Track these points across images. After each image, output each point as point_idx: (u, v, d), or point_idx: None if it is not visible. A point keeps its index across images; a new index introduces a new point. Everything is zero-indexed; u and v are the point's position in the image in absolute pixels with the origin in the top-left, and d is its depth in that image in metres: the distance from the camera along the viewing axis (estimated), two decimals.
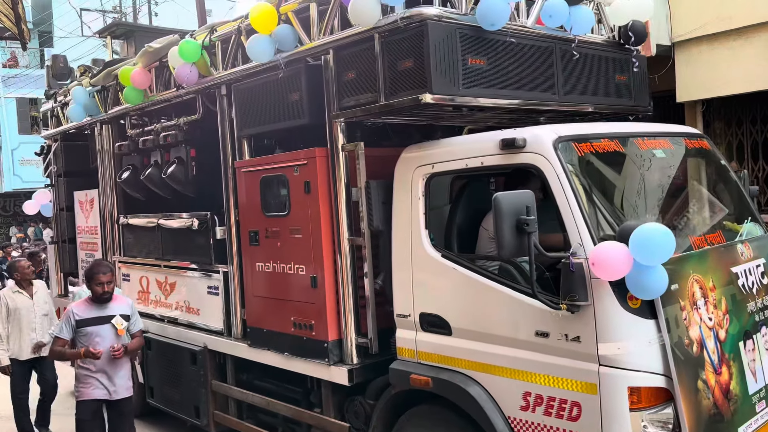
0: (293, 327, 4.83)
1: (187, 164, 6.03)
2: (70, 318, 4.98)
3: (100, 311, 5.01)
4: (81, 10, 25.44)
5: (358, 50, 4.24)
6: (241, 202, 5.32)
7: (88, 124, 7.58)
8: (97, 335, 4.94)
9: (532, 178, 4.12)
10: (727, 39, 8.31)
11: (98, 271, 5.02)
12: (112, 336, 4.98)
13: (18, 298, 6.61)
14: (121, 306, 5.16)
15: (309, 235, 4.65)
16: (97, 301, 5.04)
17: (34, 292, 6.70)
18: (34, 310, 6.60)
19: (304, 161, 4.63)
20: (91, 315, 4.99)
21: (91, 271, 5.07)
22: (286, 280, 4.87)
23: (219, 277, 5.73)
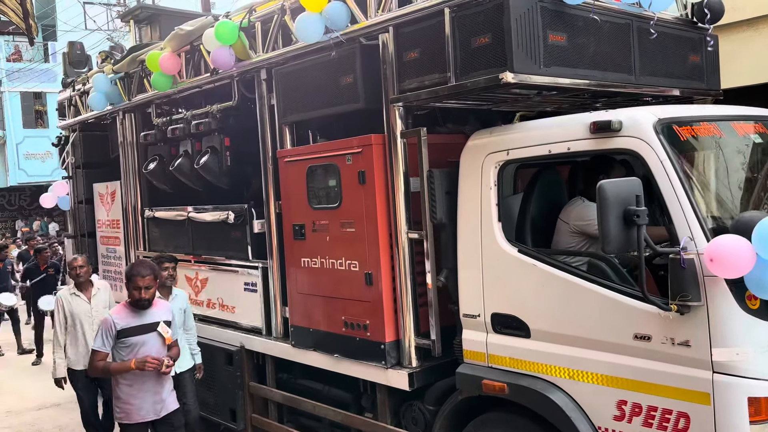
0: (344, 327, 4.47)
1: (221, 154, 5.65)
2: (110, 328, 4.30)
3: (143, 318, 4.37)
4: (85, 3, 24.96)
5: (423, 27, 3.87)
6: (283, 194, 4.95)
7: (110, 113, 7.20)
8: (142, 346, 4.31)
9: (615, 165, 3.78)
10: (738, 30, 7.98)
11: (137, 272, 4.36)
12: (158, 346, 4.38)
13: (74, 302, 5.67)
14: (162, 312, 4.52)
15: (363, 228, 4.28)
16: (135, 306, 4.40)
17: (93, 295, 5.72)
18: (91, 316, 5.61)
19: (359, 149, 4.26)
20: (134, 323, 4.34)
21: (130, 272, 4.44)
22: (337, 277, 4.51)
23: (257, 273, 5.36)
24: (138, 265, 4.50)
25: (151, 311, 4.43)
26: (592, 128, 3.31)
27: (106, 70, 6.96)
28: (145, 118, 6.87)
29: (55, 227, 29.05)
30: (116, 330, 4.30)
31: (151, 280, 4.39)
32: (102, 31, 24.69)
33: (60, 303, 5.67)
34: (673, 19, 4.50)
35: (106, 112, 7.20)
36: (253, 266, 5.40)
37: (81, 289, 5.72)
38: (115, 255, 7.42)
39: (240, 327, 5.60)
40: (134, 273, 4.38)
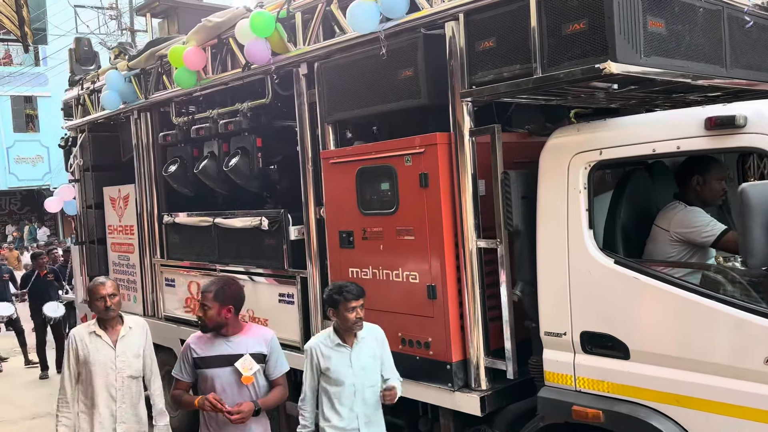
0: (401, 344, 4.03)
1: (252, 155, 5.19)
2: (187, 355, 3.62)
3: (225, 347, 3.59)
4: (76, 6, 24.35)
5: (501, 13, 3.44)
6: (327, 199, 4.50)
7: (123, 112, 6.70)
8: (214, 380, 3.54)
9: (713, 165, 3.38)
10: None
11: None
12: (232, 383, 3.55)
13: (93, 345, 3.96)
14: (255, 340, 3.66)
15: (425, 236, 3.85)
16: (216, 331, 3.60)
17: (121, 336, 4.02)
18: (115, 368, 3.98)
19: (420, 149, 3.82)
20: (213, 353, 3.57)
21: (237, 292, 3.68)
22: (392, 289, 4.07)
23: (295, 284, 4.90)
24: (228, 282, 3.73)
25: (240, 338, 3.62)
26: (708, 124, 2.90)
27: (120, 67, 6.47)
28: (162, 118, 6.39)
29: (45, 232, 28.33)
30: (192, 357, 3.60)
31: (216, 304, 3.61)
32: (94, 35, 24.08)
33: (72, 344, 3.98)
34: (764, 5, 4.10)
35: (119, 112, 6.70)
36: (290, 276, 4.94)
37: (105, 326, 4.03)
38: (128, 263, 6.92)
39: None
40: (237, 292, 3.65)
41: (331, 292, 3.57)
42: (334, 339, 3.57)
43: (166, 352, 6.31)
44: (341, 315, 3.51)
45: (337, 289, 3.54)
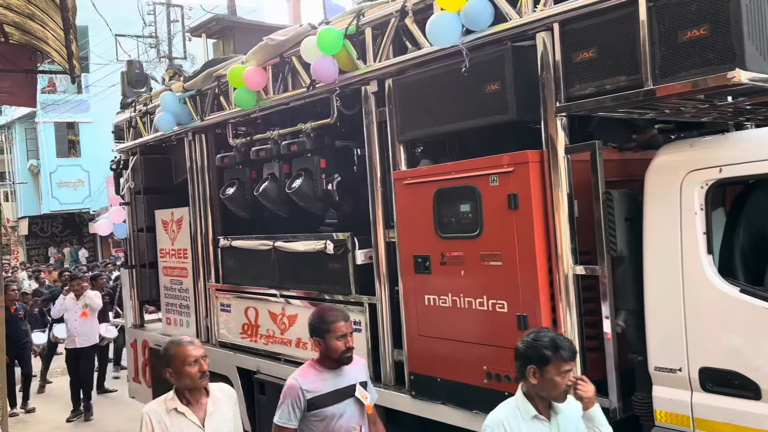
0: (486, 378, 3.71)
1: (316, 177, 4.95)
2: (299, 396, 3.28)
3: (338, 380, 3.38)
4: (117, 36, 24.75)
5: (603, 21, 3.14)
6: (400, 221, 4.22)
7: (177, 134, 6.53)
8: (340, 417, 3.32)
9: None
10: None
11: (333, 317, 3.35)
12: (357, 416, 3.38)
13: (177, 426, 3.13)
14: (357, 368, 3.48)
15: (515, 261, 3.54)
16: (337, 363, 3.38)
17: (209, 413, 3.18)
18: None
19: (509, 168, 3.53)
20: (329, 388, 3.34)
21: (322, 319, 3.38)
22: (476, 319, 3.76)
23: (362, 311, 4.62)
24: (330, 311, 3.47)
25: (346, 369, 3.41)
26: None
27: (175, 88, 6.31)
28: (218, 139, 6.20)
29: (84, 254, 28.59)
30: (306, 399, 3.28)
31: (350, 326, 3.42)
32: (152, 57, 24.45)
33: (147, 426, 3.13)
34: None
35: (173, 134, 6.54)
36: (357, 302, 4.66)
37: (188, 399, 3.18)
38: (180, 287, 6.71)
39: None
40: (331, 318, 3.35)
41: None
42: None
43: (220, 380, 6.05)
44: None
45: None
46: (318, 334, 3.37)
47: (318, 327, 3.38)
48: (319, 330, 3.37)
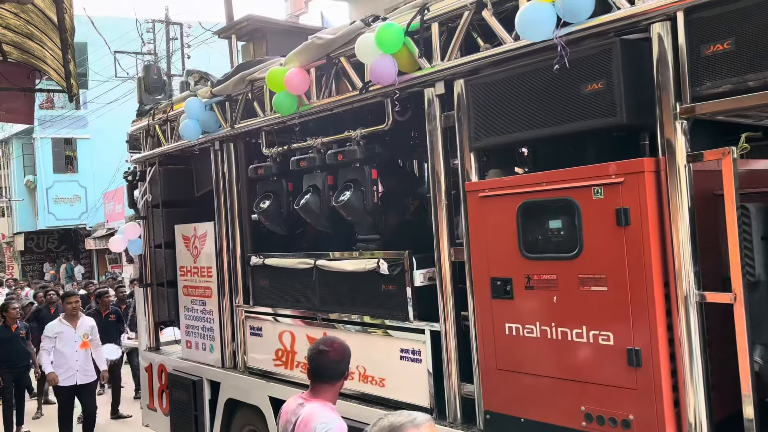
0: (585, 420, 3.18)
1: (367, 189, 4.43)
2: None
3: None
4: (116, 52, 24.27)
5: (745, 6, 2.67)
6: (474, 239, 3.70)
7: (201, 143, 6.01)
8: None
9: None
10: None
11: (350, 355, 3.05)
12: None
13: None
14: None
15: (625, 286, 3.02)
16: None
17: None
18: None
19: (618, 179, 3.03)
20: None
21: (348, 356, 3.06)
22: (572, 352, 3.23)
23: (423, 339, 4.08)
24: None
25: None
26: None
27: (201, 94, 5.79)
28: (248, 149, 5.69)
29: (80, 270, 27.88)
30: None
31: None
32: (132, 79, 23.95)
33: None
34: None
35: (198, 143, 6.02)
36: (417, 330, 4.13)
37: None
38: (203, 308, 6.15)
39: (393, 405, 4.28)
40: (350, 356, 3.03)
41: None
42: None
43: (250, 410, 5.50)
44: None
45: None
46: (345, 375, 3.01)
47: (347, 365, 3.02)
48: (346, 368, 3.02)
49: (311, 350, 2.98)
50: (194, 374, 6.16)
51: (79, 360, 7.44)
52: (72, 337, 7.50)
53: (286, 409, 3.00)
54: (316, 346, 2.97)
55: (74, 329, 7.53)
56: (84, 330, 7.57)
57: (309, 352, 3.00)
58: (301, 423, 2.82)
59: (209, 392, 6.01)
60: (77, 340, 7.50)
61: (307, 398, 2.94)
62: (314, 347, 2.97)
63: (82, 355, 7.46)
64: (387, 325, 4.32)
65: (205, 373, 6.03)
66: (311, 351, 2.97)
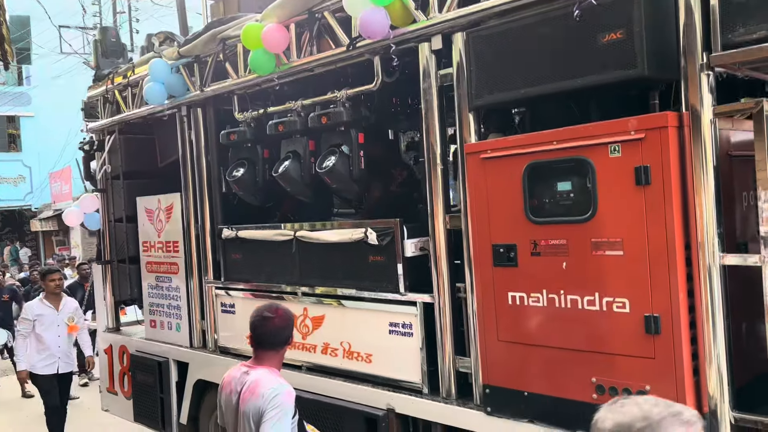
0: (596, 392, 2.99)
1: (353, 154, 4.13)
2: (294, 406, 2.87)
3: None
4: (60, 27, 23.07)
5: None
6: (473, 204, 3.45)
7: (168, 108, 5.59)
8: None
9: None
10: None
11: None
12: None
13: None
14: None
15: (643, 250, 2.82)
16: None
17: None
18: None
19: (638, 135, 2.81)
20: None
21: (292, 323, 3.07)
22: (583, 321, 3.02)
23: (414, 311, 3.83)
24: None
25: None
26: None
27: (167, 55, 5.36)
28: (219, 114, 5.30)
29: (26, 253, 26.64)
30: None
31: None
32: (78, 54, 22.87)
33: None
34: None
35: (164, 109, 5.59)
36: (408, 302, 3.87)
37: None
38: (169, 285, 5.76)
39: (380, 382, 4.04)
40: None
41: None
42: None
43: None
44: None
45: None
46: (289, 341, 2.99)
47: (291, 331, 3.00)
48: (291, 334, 3.00)
49: (254, 318, 2.88)
50: (160, 355, 5.78)
51: (62, 346, 6.45)
52: (54, 321, 6.48)
53: (229, 378, 2.90)
54: (260, 313, 2.88)
55: (57, 311, 6.50)
56: (68, 312, 6.56)
57: (252, 319, 2.90)
58: (247, 390, 2.75)
59: (176, 373, 5.65)
60: (60, 324, 6.49)
61: (251, 366, 2.87)
62: (257, 314, 2.88)
63: (65, 341, 6.50)
64: (375, 298, 4.05)
65: (172, 354, 5.65)
66: (254, 318, 2.88)
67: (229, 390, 2.88)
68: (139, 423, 6.10)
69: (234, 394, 2.83)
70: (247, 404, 2.74)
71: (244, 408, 2.74)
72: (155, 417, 5.81)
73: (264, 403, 2.68)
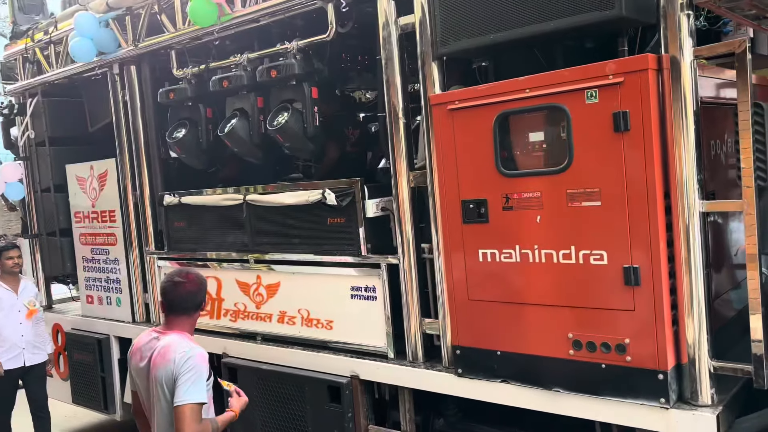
0: (573, 348, 2.88)
1: (307, 110, 3.84)
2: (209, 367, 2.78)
3: None
4: None
5: None
6: (440, 159, 3.24)
7: (98, 66, 5.11)
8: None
9: None
10: None
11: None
12: None
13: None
14: None
15: (622, 199, 2.69)
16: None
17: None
18: None
19: (617, 79, 2.66)
20: None
21: (206, 286, 2.94)
22: (558, 276, 2.89)
23: (378, 274, 3.63)
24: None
25: None
26: None
27: (94, 7, 4.86)
28: (154, 72, 4.87)
29: None
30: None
31: None
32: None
33: None
34: None
35: (94, 66, 5.10)
36: (372, 264, 3.66)
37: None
38: (107, 258, 5.33)
39: (342, 349, 3.84)
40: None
41: None
42: None
43: None
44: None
45: None
46: (202, 306, 2.87)
47: (204, 296, 2.87)
48: (203, 299, 2.87)
49: (165, 283, 2.80)
50: (99, 332, 5.38)
51: (25, 334, 5.08)
52: (14, 305, 5.09)
53: (138, 345, 2.82)
54: (170, 278, 2.80)
55: (16, 295, 5.12)
56: (28, 296, 5.18)
57: (162, 285, 2.81)
58: (158, 355, 2.67)
59: (118, 351, 5.27)
60: (21, 309, 5.11)
61: (162, 331, 2.78)
62: (168, 280, 2.80)
63: (29, 328, 5.12)
64: (335, 262, 3.82)
65: (113, 330, 5.27)
66: (165, 284, 2.79)
67: (139, 356, 2.78)
68: (78, 405, 5.70)
69: (144, 359, 2.74)
70: (158, 369, 2.65)
71: (155, 373, 2.66)
72: (96, 398, 5.43)
73: (176, 367, 2.60)
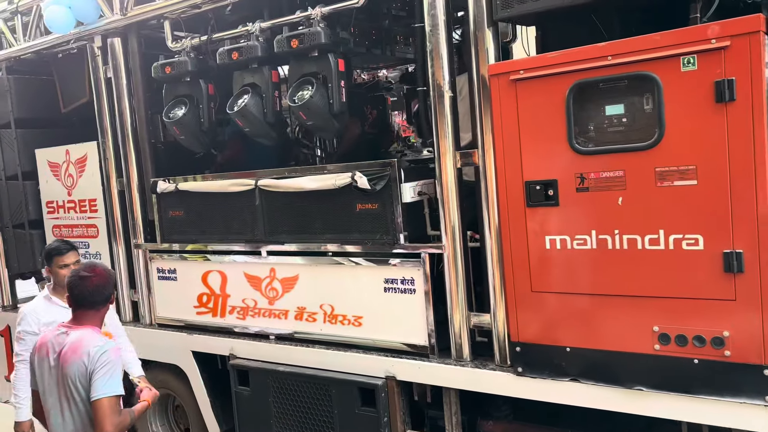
0: (660, 342, 2.54)
1: (333, 84, 3.36)
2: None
3: None
4: None
5: None
6: (501, 135, 2.83)
7: (75, 39, 4.46)
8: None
9: None
10: None
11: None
12: None
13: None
14: None
15: (723, 177, 2.36)
16: None
17: None
18: None
19: (721, 42, 2.32)
20: None
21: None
22: (643, 264, 2.54)
23: (417, 264, 3.19)
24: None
25: None
26: None
27: None
28: (142, 46, 4.27)
29: None
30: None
31: None
32: None
33: None
34: None
35: (70, 39, 4.45)
36: (410, 254, 3.23)
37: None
38: (86, 252, 4.68)
39: (373, 347, 3.40)
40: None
41: None
42: None
43: (164, 371, 4.29)
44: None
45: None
46: (110, 300, 2.79)
47: (112, 289, 2.83)
48: (112, 292, 2.81)
49: (71, 278, 2.71)
50: None
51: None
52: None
53: (45, 341, 2.70)
54: (77, 272, 2.72)
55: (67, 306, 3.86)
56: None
57: (69, 279, 2.73)
58: (68, 350, 2.59)
59: None
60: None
61: (70, 326, 2.69)
62: (74, 274, 2.72)
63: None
64: (366, 252, 3.37)
65: None
66: (71, 278, 2.70)
67: (45, 351, 2.67)
68: None
69: (51, 355, 2.63)
70: (70, 365, 2.56)
71: (66, 369, 2.56)
72: None
73: (91, 362, 2.54)
